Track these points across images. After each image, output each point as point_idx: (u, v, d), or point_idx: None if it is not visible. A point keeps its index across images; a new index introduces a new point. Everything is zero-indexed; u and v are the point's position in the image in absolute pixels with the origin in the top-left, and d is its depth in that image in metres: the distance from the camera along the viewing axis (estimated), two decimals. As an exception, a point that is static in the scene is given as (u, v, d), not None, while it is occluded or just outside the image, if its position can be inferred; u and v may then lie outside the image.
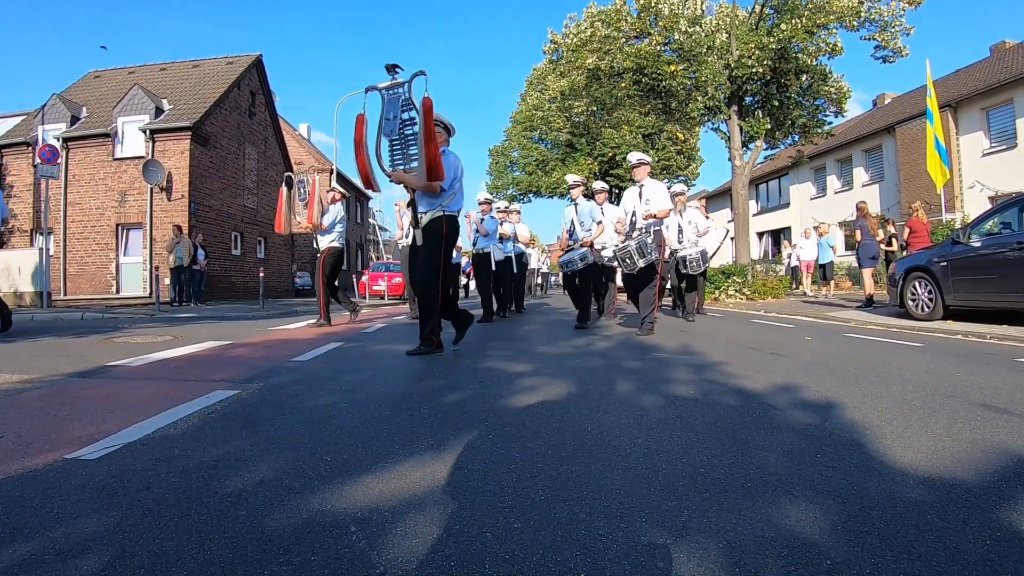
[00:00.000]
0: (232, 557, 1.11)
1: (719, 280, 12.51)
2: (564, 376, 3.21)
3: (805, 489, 1.47)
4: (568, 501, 1.40)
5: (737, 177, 14.24)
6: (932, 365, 3.57)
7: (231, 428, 2.10)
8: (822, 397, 2.59)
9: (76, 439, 1.93)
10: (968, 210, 15.52)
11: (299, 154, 27.17)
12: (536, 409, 2.41)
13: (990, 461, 1.68)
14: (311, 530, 1.24)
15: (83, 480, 1.55)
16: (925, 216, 9.08)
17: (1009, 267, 5.49)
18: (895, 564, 1.08)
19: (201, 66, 19.36)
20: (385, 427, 2.10)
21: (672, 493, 1.45)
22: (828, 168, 23.23)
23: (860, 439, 1.91)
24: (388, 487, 1.50)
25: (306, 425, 2.13)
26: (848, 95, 14.04)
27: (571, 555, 1.12)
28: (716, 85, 13.42)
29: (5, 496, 1.44)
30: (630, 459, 1.72)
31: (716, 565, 1.09)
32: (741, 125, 13.94)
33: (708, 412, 2.34)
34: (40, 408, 2.47)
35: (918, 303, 6.68)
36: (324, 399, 2.61)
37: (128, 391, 2.85)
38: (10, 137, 17.04)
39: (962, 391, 2.71)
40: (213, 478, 1.56)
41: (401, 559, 1.11)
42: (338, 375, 3.27)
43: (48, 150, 10.13)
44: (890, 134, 19.62)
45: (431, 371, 3.39)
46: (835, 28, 13.07)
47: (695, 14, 13.54)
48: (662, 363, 3.73)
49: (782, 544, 1.17)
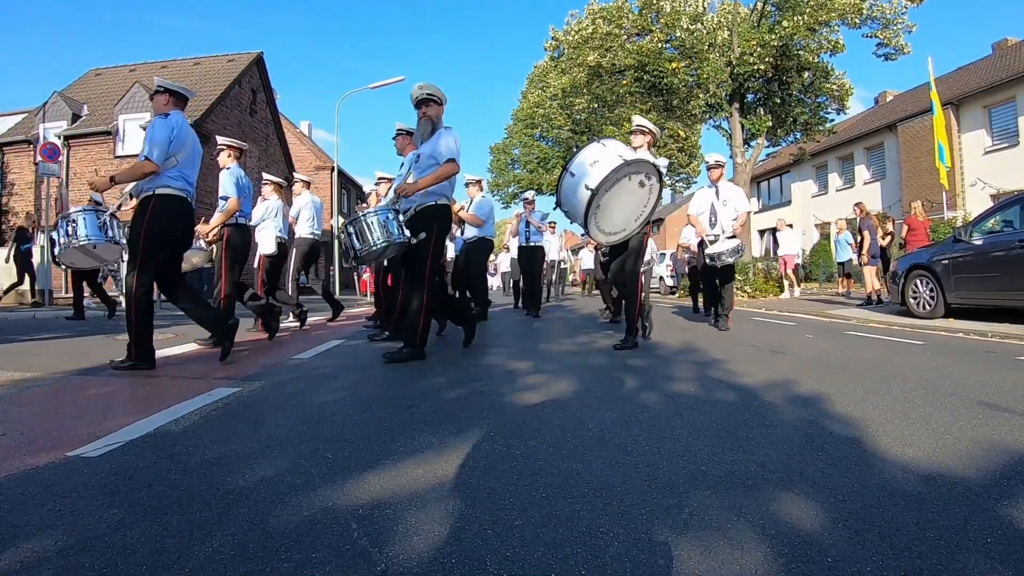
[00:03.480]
0: (234, 555, 1.12)
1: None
2: (565, 373, 3.21)
3: (806, 486, 1.47)
4: (569, 499, 1.40)
5: (738, 175, 14.22)
6: (933, 363, 3.57)
7: (233, 426, 2.10)
8: (823, 395, 2.58)
9: (78, 437, 1.93)
10: (970, 208, 15.47)
11: (300, 152, 27.15)
12: (537, 406, 2.41)
13: (991, 459, 1.68)
14: (313, 527, 1.24)
15: (85, 478, 1.55)
16: (923, 214, 9.08)
17: (1010, 265, 5.48)
18: (896, 562, 1.08)
19: (202, 64, 19.36)
20: (386, 425, 2.10)
21: (673, 490, 1.45)
22: (830, 166, 23.18)
23: (861, 437, 1.91)
24: (389, 484, 1.50)
25: (307, 422, 2.14)
26: (850, 92, 14.02)
27: (572, 553, 1.13)
28: (718, 82, 13.40)
29: (8, 494, 1.44)
30: (631, 456, 1.72)
31: (717, 563, 1.09)
32: (743, 122, 13.92)
33: (709, 410, 2.34)
34: (42, 406, 2.48)
35: (919, 301, 6.67)
36: (325, 396, 2.62)
37: (130, 389, 2.86)
38: (11, 135, 17.06)
39: (963, 389, 2.71)
40: (215, 475, 1.56)
41: (402, 556, 1.11)
42: (339, 373, 3.27)
43: (49, 148, 10.13)
44: (892, 132, 19.57)
45: (432, 369, 3.40)
46: (837, 25, 13.04)
47: (697, 11, 13.51)
48: (664, 361, 3.73)
49: (783, 541, 1.17)
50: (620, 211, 4.00)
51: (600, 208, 3.86)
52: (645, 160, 3.93)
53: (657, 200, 4.12)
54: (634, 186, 3.92)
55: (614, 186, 3.78)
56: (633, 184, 3.91)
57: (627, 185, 3.88)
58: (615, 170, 3.67)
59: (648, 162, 3.94)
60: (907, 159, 18.38)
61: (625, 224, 4.11)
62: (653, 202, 4.11)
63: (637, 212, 4.09)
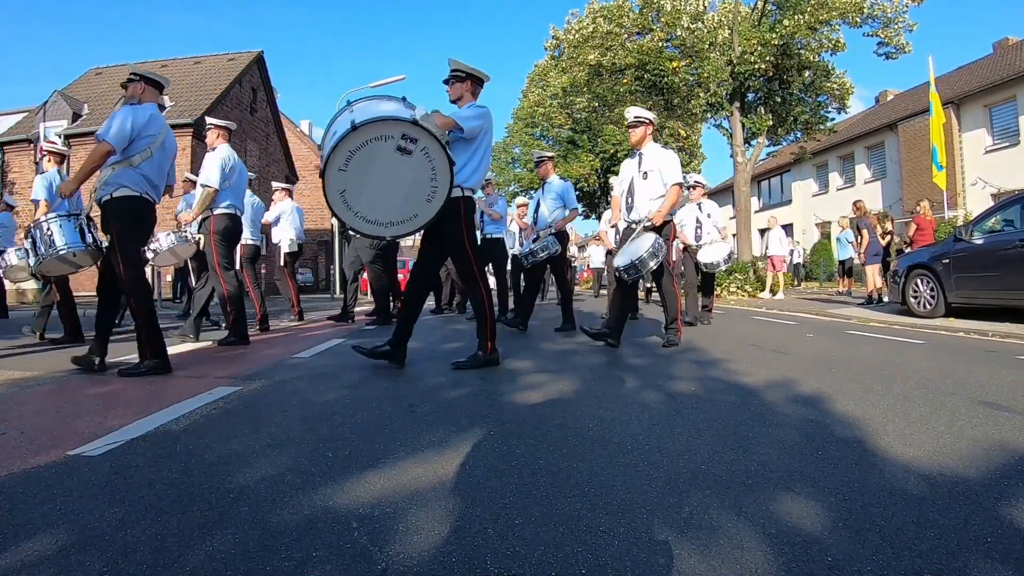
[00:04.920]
0: (234, 553, 1.12)
1: (721, 277, 12.51)
2: (566, 372, 3.21)
3: (806, 486, 1.47)
4: (569, 497, 1.40)
5: (739, 174, 14.22)
6: (934, 362, 3.56)
7: (233, 424, 2.10)
8: (823, 394, 2.58)
9: (79, 436, 1.93)
10: (970, 207, 15.47)
11: (300, 151, 27.15)
12: (538, 405, 2.41)
13: (991, 458, 1.68)
14: (313, 526, 1.24)
15: (86, 476, 1.55)
16: (931, 213, 9.07)
17: (1011, 264, 5.48)
18: (896, 561, 1.08)
19: (203, 63, 19.37)
20: (387, 424, 2.10)
21: (673, 489, 1.45)
22: (830, 165, 23.18)
23: (861, 436, 1.91)
24: (390, 483, 1.50)
25: (308, 421, 2.14)
26: (851, 91, 14.01)
27: (572, 551, 1.13)
28: (718, 81, 13.39)
29: (8, 493, 1.44)
30: (631, 455, 1.72)
31: (717, 561, 1.09)
32: (743, 122, 13.91)
33: (709, 408, 2.34)
34: (43, 405, 2.48)
35: (920, 300, 6.67)
36: (326, 395, 2.62)
37: (130, 388, 2.86)
38: (12, 134, 17.07)
39: (963, 388, 2.71)
40: (215, 474, 1.56)
41: (403, 555, 1.11)
42: (340, 372, 3.27)
43: (50, 147, 10.11)
44: (893, 131, 19.57)
45: (432, 368, 3.40)
46: (838, 24, 13.03)
47: (697, 10, 13.50)
48: (664, 360, 3.73)
49: (783, 541, 1.17)
50: (394, 192, 2.98)
51: (355, 192, 2.93)
52: (388, 118, 2.83)
53: (447, 163, 2.96)
54: (393, 155, 2.88)
55: (357, 165, 2.86)
56: (388, 152, 2.87)
57: (382, 156, 2.87)
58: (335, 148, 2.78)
59: (393, 119, 2.83)
60: (908, 158, 18.38)
61: (414, 209, 3.05)
62: (445, 169, 2.96)
63: (425, 189, 2.99)
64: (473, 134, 3.25)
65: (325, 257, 27.35)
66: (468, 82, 3.42)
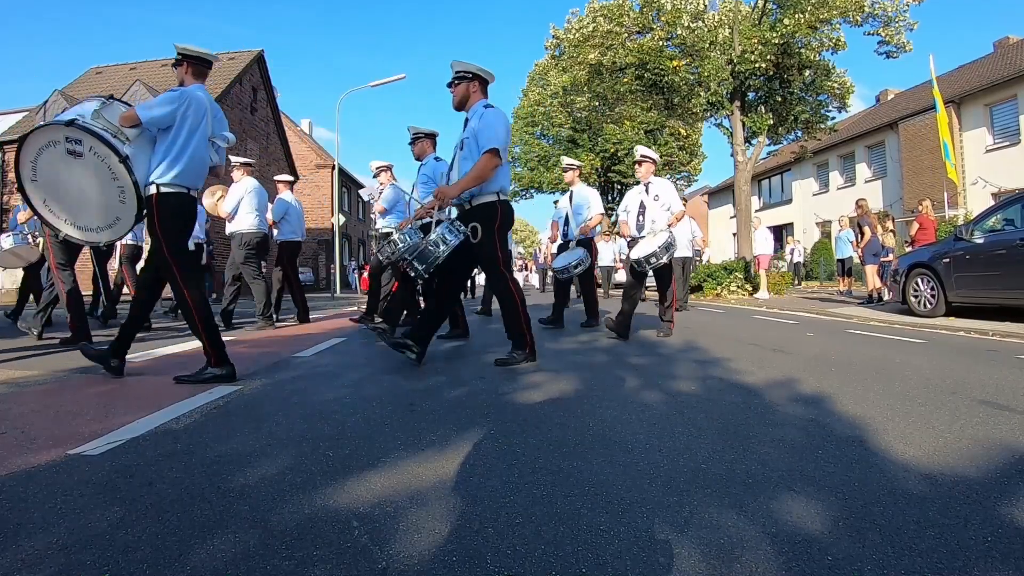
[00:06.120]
0: (235, 553, 1.12)
1: (721, 276, 12.51)
2: (567, 372, 3.21)
3: (807, 485, 1.47)
4: (570, 496, 1.40)
5: (739, 173, 14.20)
6: (934, 362, 3.56)
7: (234, 424, 2.10)
8: (824, 393, 2.58)
9: (79, 435, 1.94)
10: (971, 207, 15.46)
11: (301, 150, 27.15)
12: (538, 405, 2.41)
13: (992, 458, 1.68)
14: (313, 525, 1.24)
15: (86, 476, 1.55)
16: (933, 212, 9.07)
17: (1012, 264, 5.47)
18: (896, 560, 1.08)
19: (202, 62, 19.33)
20: (387, 423, 2.10)
21: (674, 488, 1.45)
22: (831, 164, 23.16)
23: (862, 435, 1.91)
24: (390, 482, 1.50)
25: (308, 421, 2.14)
26: (851, 91, 13.98)
27: (573, 550, 1.13)
28: (719, 80, 13.37)
29: (9, 492, 1.45)
30: (632, 454, 1.72)
31: (717, 561, 1.09)
32: (744, 121, 13.89)
33: (710, 408, 2.34)
34: (43, 404, 2.48)
35: (920, 299, 6.66)
36: (326, 395, 2.62)
37: (131, 387, 2.86)
38: (12, 134, 17.06)
39: (964, 388, 2.70)
40: (216, 473, 1.56)
41: (403, 554, 1.11)
42: (340, 371, 3.27)
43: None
44: (893, 130, 19.55)
45: (433, 367, 3.40)
46: (838, 23, 13.00)
47: (698, 9, 13.47)
48: (664, 359, 3.73)
49: (783, 540, 1.17)
50: (88, 195, 2.87)
51: (55, 201, 2.86)
52: (50, 123, 2.78)
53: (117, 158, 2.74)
54: (67, 159, 2.75)
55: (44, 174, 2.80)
56: (62, 156, 2.74)
57: (60, 162, 2.77)
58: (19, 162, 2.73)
59: (53, 124, 2.75)
60: (908, 157, 18.37)
61: (115, 212, 2.90)
62: (119, 166, 2.75)
63: (112, 190, 2.83)
64: (161, 124, 2.85)
65: (325, 256, 27.37)
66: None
